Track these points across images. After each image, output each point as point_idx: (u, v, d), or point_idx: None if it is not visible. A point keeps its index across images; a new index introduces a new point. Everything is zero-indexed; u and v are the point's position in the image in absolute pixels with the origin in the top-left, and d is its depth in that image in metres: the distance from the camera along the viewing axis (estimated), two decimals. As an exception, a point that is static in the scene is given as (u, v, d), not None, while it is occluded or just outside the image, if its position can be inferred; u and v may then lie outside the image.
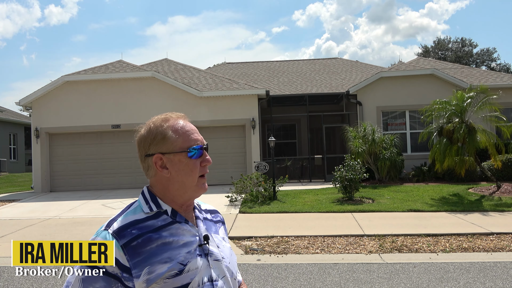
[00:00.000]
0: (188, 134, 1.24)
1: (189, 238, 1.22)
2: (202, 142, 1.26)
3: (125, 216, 1.22)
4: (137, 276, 1.13)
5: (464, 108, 10.68)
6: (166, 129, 1.24)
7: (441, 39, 43.02)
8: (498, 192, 10.42)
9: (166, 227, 1.21)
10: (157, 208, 1.24)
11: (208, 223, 1.34)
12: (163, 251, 1.17)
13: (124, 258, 1.14)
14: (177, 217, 1.25)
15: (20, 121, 25.95)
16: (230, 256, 1.31)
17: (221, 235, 1.36)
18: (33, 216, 9.74)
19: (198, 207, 1.36)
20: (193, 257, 1.20)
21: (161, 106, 14.51)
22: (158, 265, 1.14)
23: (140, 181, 14.57)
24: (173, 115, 1.29)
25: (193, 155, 1.23)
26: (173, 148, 1.22)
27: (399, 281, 4.92)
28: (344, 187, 9.93)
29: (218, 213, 1.44)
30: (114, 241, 1.15)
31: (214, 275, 1.22)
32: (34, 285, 5.10)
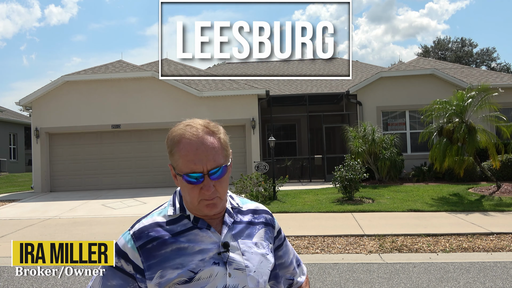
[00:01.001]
0: (188, 159, 1.14)
1: (206, 245, 1.19)
2: (204, 170, 1.14)
3: (150, 217, 1.24)
4: (150, 278, 1.16)
5: (464, 108, 10.67)
6: (175, 145, 1.17)
7: (441, 39, 43.04)
8: (498, 192, 10.42)
9: (184, 232, 1.20)
10: (180, 212, 1.23)
11: (239, 227, 1.26)
12: (176, 256, 1.16)
13: (138, 259, 1.17)
14: (199, 222, 1.22)
15: (20, 121, 25.95)
16: (259, 263, 1.23)
17: (256, 239, 1.27)
18: (33, 216, 9.74)
19: (233, 209, 1.29)
20: (207, 265, 1.16)
21: (161, 106, 14.52)
22: (169, 270, 1.15)
23: (140, 181, 14.58)
24: (190, 129, 1.17)
25: (188, 182, 1.16)
26: (176, 167, 1.18)
27: (399, 281, 4.92)
28: (344, 187, 9.92)
29: (264, 214, 1.35)
30: (131, 242, 1.19)
31: (230, 284, 1.17)
32: (34, 285, 5.10)
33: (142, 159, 14.71)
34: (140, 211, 9.95)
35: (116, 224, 8.55)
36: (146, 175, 14.65)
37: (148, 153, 14.72)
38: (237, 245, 1.22)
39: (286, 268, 1.42)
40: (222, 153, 1.18)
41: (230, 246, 1.21)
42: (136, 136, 14.83)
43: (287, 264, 1.43)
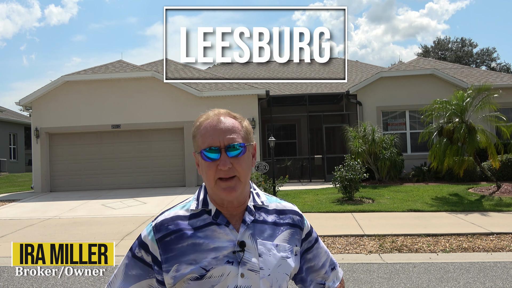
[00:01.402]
0: (207, 135, 1.18)
1: (222, 243, 1.17)
2: (221, 144, 1.16)
3: (173, 210, 1.24)
4: (167, 271, 1.16)
5: (464, 108, 10.68)
6: (197, 129, 1.23)
7: (441, 39, 43.04)
8: (498, 192, 10.42)
9: (203, 227, 1.19)
10: (202, 206, 1.22)
11: (261, 226, 1.22)
12: (191, 252, 1.16)
13: (157, 251, 1.18)
14: (219, 218, 1.20)
15: (20, 121, 25.95)
16: (276, 267, 1.18)
17: (278, 241, 1.22)
18: (33, 216, 9.74)
19: (256, 207, 1.25)
20: (220, 263, 1.14)
21: (161, 106, 14.52)
22: (184, 265, 1.15)
23: (140, 181, 14.58)
24: (211, 113, 1.26)
25: (206, 157, 1.17)
26: (197, 148, 1.21)
27: (399, 281, 4.92)
28: (344, 187, 9.92)
29: (292, 214, 1.31)
30: (151, 234, 1.20)
31: (242, 285, 1.14)
32: (34, 285, 5.10)
33: (142, 159, 14.71)
34: (140, 211, 9.95)
35: (116, 224, 8.55)
36: (146, 175, 14.65)
37: (148, 153, 14.72)
38: (255, 245, 1.18)
39: (316, 271, 1.35)
40: (242, 134, 1.21)
41: (247, 245, 1.17)
42: (136, 136, 14.83)
43: (318, 268, 1.36)
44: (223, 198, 1.18)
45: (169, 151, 14.73)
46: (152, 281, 1.20)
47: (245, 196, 1.23)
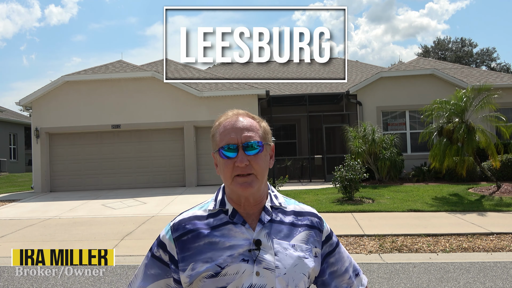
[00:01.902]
0: (225, 134, 1.21)
1: (238, 241, 1.18)
2: (238, 141, 1.18)
3: (191, 210, 1.27)
4: (183, 270, 1.18)
5: (463, 108, 10.68)
6: (216, 128, 1.26)
7: (441, 39, 43.04)
8: (498, 192, 10.42)
9: (219, 227, 1.21)
10: (219, 206, 1.25)
11: (278, 226, 1.23)
12: (207, 250, 1.18)
13: (174, 250, 1.21)
14: (236, 217, 1.21)
15: (20, 121, 25.95)
16: (292, 266, 1.18)
17: (295, 241, 1.22)
18: (33, 216, 9.74)
19: (273, 208, 1.26)
20: (235, 261, 1.15)
21: (161, 106, 14.52)
22: (200, 263, 1.16)
23: (140, 181, 14.59)
24: (230, 113, 1.29)
25: (224, 154, 1.19)
26: (215, 146, 1.24)
27: (399, 281, 4.92)
28: (344, 187, 9.92)
29: (310, 216, 1.31)
30: (169, 233, 1.23)
31: (257, 283, 1.14)
32: (34, 285, 5.10)
33: (142, 159, 14.71)
34: (140, 211, 9.95)
35: (116, 224, 8.55)
36: (146, 175, 14.65)
37: (148, 153, 14.72)
38: (271, 244, 1.19)
39: (340, 277, 1.34)
40: (259, 133, 1.24)
41: (262, 244, 1.18)
42: (136, 136, 14.83)
43: (341, 273, 1.34)
44: (240, 193, 1.20)
45: (169, 151, 14.73)
46: (169, 280, 1.22)
47: (262, 195, 1.25)
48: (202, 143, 14.64)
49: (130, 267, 5.79)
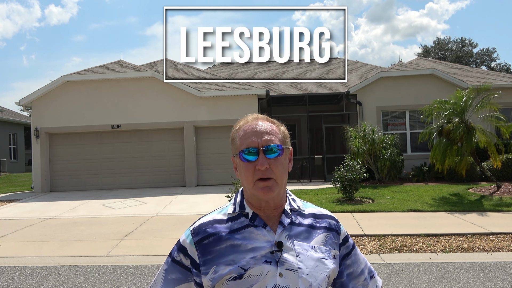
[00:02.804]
0: (245, 137, 1.22)
1: (260, 244, 1.19)
2: (259, 145, 1.20)
3: (210, 215, 1.28)
4: (205, 273, 1.19)
5: (463, 107, 10.68)
6: (236, 132, 1.27)
7: (441, 39, 43.06)
8: (498, 192, 10.42)
9: (240, 230, 1.22)
10: (239, 210, 1.26)
11: (298, 229, 1.25)
12: (229, 253, 1.18)
13: (195, 254, 1.21)
14: (256, 220, 1.23)
15: (20, 121, 25.95)
16: (313, 267, 1.20)
17: (314, 243, 1.25)
18: (33, 216, 9.74)
19: (292, 211, 1.28)
20: (258, 263, 1.16)
21: (161, 106, 14.52)
22: (222, 266, 1.17)
23: (140, 181, 14.59)
24: (250, 117, 1.29)
25: (244, 158, 1.20)
26: (235, 150, 1.25)
27: (399, 281, 4.92)
28: (344, 187, 9.92)
29: (328, 219, 1.33)
30: (189, 238, 1.24)
31: (280, 284, 1.15)
32: (34, 285, 5.10)
33: (142, 159, 14.71)
34: (140, 211, 9.95)
35: (116, 224, 8.55)
36: (146, 175, 14.66)
37: (148, 153, 14.72)
38: (292, 246, 1.21)
39: (356, 278, 1.36)
40: (279, 137, 1.25)
41: (284, 246, 1.19)
42: (136, 136, 14.83)
43: (357, 274, 1.37)
44: (261, 198, 1.21)
45: (169, 151, 14.73)
46: (190, 284, 1.23)
47: (282, 199, 1.26)
48: (202, 143, 14.65)
49: (130, 267, 5.79)
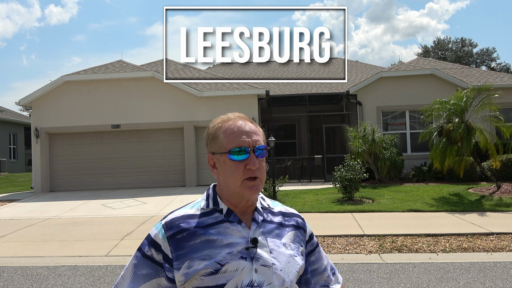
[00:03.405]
0: (234, 136, 1.21)
1: (235, 239, 1.20)
2: (250, 144, 1.20)
3: (183, 209, 1.27)
4: (178, 268, 1.17)
5: (463, 107, 10.68)
6: (218, 129, 1.25)
7: (441, 39, 43.05)
8: (498, 192, 10.42)
9: (215, 225, 1.22)
10: (213, 206, 1.26)
11: (269, 226, 1.27)
12: (204, 248, 1.18)
13: (168, 249, 1.19)
14: (231, 216, 1.23)
15: (20, 121, 25.94)
16: (286, 263, 1.23)
17: (285, 240, 1.28)
18: (33, 216, 9.74)
19: (263, 209, 1.30)
20: (234, 259, 1.17)
21: (161, 106, 14.52)
22: (196, 261, 1.16)
23: (140, 181, 14.58)
24: (233, 116, 1.28)
25: (234, 157, 1.20)
26: (219, 148, 1.23)
27: (399, 281, 4.92)
28: (344, 187, 9.92)
29: (295, 217, 1.36)
30: (162, 232, 1.21)
31: (256, 280, 1.17)
32: (34, 285, 5.10)
33: (142, 159, 14.70)
34: (140, 211, 9.95)
35: (116, 224, 8.55)
36: (146, 175, 14.65)
37: (148, 153, 14.72)
38: (266, 242, 1.23)
39: (320, 274, 1.40)
40: (262, 137, 1.27)
41: (259, 242, 1.21)
42: (136, 136, 14.83)
43: (321, 271, 1.40)
44: (247, 197, 1.21)
45: (169, 151, 14.73)
46: (161, 280, 1.21)
47: (256, 198, 1.29)
48: (202, 143, 14.64)
49: (130, 267, 5.77)
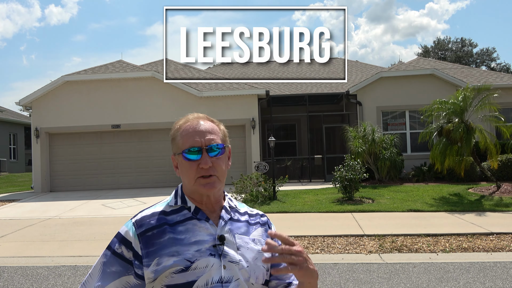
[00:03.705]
0: (187, 136, 1.25)
1: (203, 237, 1.22)
2: (202, 144, 1.23)
3: (152, 208, 1.30)
4: (147, 265, 1.19)
5: (463, 107, 10.67)
6: (177, 131, 1.30)
7: (441, 39, 43.05)
8: (498, 192, 10.42)
9: (183, 222, 1.24)
10: (181, 203, 1.28)
11: (235, 224, 1.30)
12: (172, 244, 1.20)
13: (138, 246, 1.21)
14: (199, 214, 1.26)
15: (20, 121, 25.95)
16: (253, 259, 1.26)
17: (254, 236, 1.31)
18: (33, 216, 9.74)
19: (231, 208, 1.33)
20: (203, 256, 1.19)
21: (161, 106, 14.52)
22: (165, 257, 1.18)
23: (140, 181, 14.59)
24: (191, 117, 1.32)
25: (188, 156, 1.23)
26: (177, 149, 1.28)
27: (399, 281, 4.92)
28: (344, 187, 9.92)
29: (260, 216, 1.40)
30: (132, 230, 1.23)
31: (225, 276, 1.20)
32: (34, 285, 5.10)
33: (142, 159, 14.70)
34: (140, 211, 9.94)
35: (116, 224, 8.55)
36: (146, 175, 14.65)
37: (148, 153, 14.72)
38: (233, 239, 1.26)
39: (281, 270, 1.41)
40: (220, 136, 1.29)
41: (226, 239, 1.24)
42: (136, 136, 14.83)
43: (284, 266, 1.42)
44: (203, 193, 1.25)
45: (169, 151, 14.33)
46: (130, 277, 1.21)
47: (221, 196, 1.32)
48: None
49: (130, 267, 5.78)
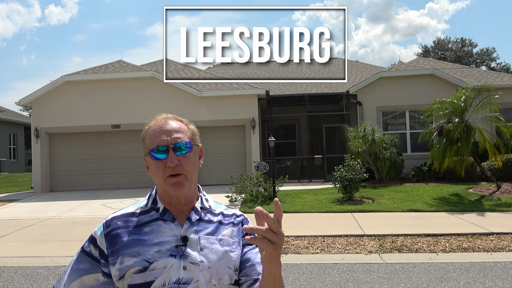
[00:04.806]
0: (155, 136, 1.26)
1: (166, 238, 1.23)
2: (168, 143, 1.24)
3: (125, 209, 1.33)
4: (113, 263, 1.22)
5: (463, 107, 10.67)
6: (146, 132, 1.31)
7: (441, 39, 43.02)
8: (498, 192, 10.42)
9: (149, 223, 1.27)
10: (152, 204, 1.31)
11: (205, 224, 1.29)
12: (135, 245, 1.23)
13: (104, 245, 1.25)
14: (166, 215, 1.27)
15: (20, 121, 25.94)
16: (217, 260, 1.24)
17: (222, 236, 1.29)
18: (33, 216, 9.74)
19: (203, 209, 1.33)
20: (163, 256, 1.20)
21: (161, 106, 14.49)
22: (127, 257, 1.21)
23: (140, 181, 14.58)
24: (159, 117, 1.33)
25: (155, 155, 1.25)
26: (146, 149, 1.29)
27: (399, 281, 4.92)
28: (344, 187, 9.92)
29: (236, 216, 1.38)
30: (101, 230, 1.28)
31: (184, 277, 1.20)
32: (34, 285, 5.10)
33: (142, 159, 14.68)
34: (140, 211, 9.94)
35: (116, 224, 8.55)
36: (146, 175, 14.61)
37: (148, 153, 14.70)
38: (198, 240, 1.25)
39: (251, 266, 1.34)
40: (188, 135, 1.30)
41: (189, 240, 1.24)
42: (136, 136, 14.81)
43: (254, 263, 1.35)
44: (172, 194, 1.25)
45: (169, 151, 14.71)
46: (97, 275, 1.26)
47: (192, 196, 1.32)
48: (202, 143, 14.14)
49: (130, 267, 5.78)
